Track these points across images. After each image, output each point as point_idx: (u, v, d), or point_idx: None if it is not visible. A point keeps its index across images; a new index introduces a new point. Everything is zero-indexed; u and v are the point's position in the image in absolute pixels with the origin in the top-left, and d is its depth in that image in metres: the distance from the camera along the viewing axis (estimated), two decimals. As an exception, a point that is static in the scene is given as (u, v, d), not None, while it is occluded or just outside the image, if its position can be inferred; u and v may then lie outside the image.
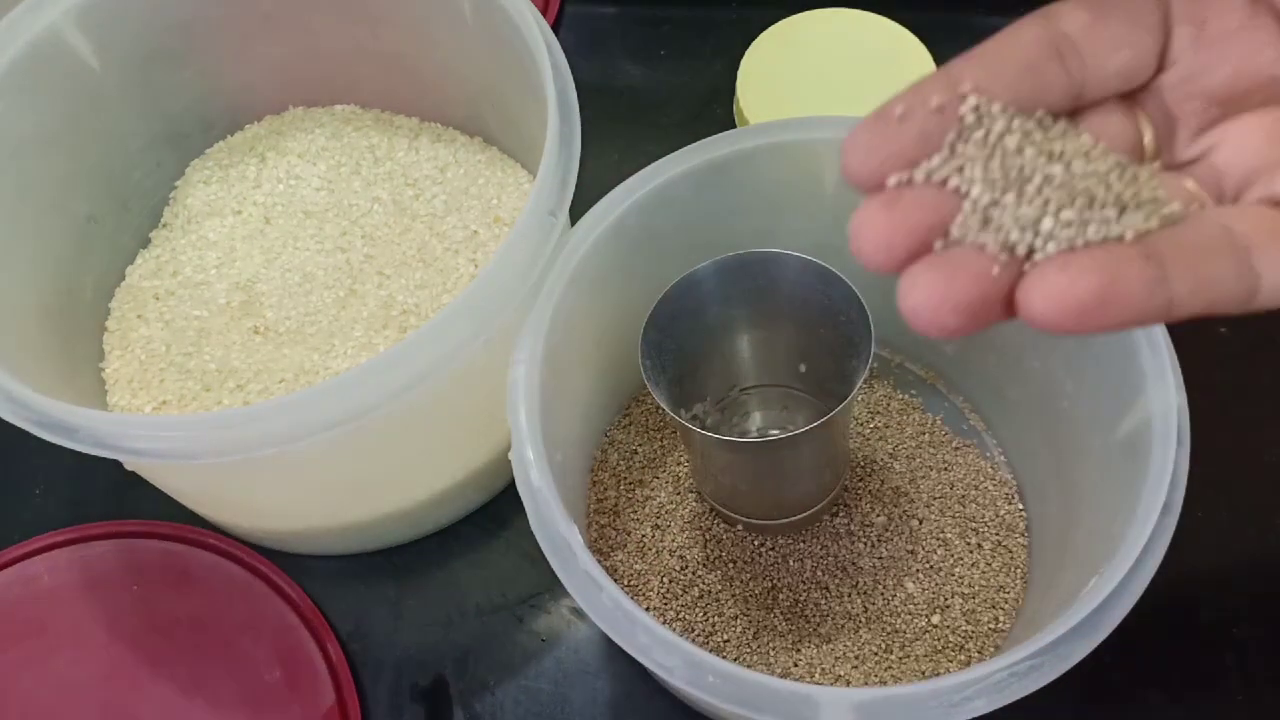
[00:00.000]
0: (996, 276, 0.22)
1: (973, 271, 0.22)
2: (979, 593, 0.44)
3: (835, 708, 0.31)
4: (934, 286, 0.22)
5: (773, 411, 0.47)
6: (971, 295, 0.22)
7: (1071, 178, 0.24)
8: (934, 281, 0.22)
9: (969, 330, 0.23)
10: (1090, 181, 0.24)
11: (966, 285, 0.22)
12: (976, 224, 0.23)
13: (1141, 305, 0.22)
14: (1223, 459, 0.47)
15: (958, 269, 0.23)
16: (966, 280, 0.22)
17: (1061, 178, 0.24)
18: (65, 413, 0.37)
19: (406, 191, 0.53)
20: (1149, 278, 0.22)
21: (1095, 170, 0.24)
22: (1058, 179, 0.24)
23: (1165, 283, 0.22)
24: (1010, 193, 0.23)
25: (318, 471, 0.43)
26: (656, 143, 0.44)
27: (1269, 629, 0.46)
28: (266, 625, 0.47)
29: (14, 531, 0.50)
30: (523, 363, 0.37)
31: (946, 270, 0.23)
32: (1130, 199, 0.24)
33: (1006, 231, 0.23)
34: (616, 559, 0.46)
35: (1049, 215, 0.23)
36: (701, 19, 0.64)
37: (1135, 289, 0.22)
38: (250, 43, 0.53)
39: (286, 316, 0.49)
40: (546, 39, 0.42)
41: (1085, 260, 0.22)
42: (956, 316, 0.22)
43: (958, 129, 0.24)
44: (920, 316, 0.22)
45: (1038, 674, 0.31)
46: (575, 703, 0.46)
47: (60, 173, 0.48)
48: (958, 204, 0.24)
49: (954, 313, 0.22)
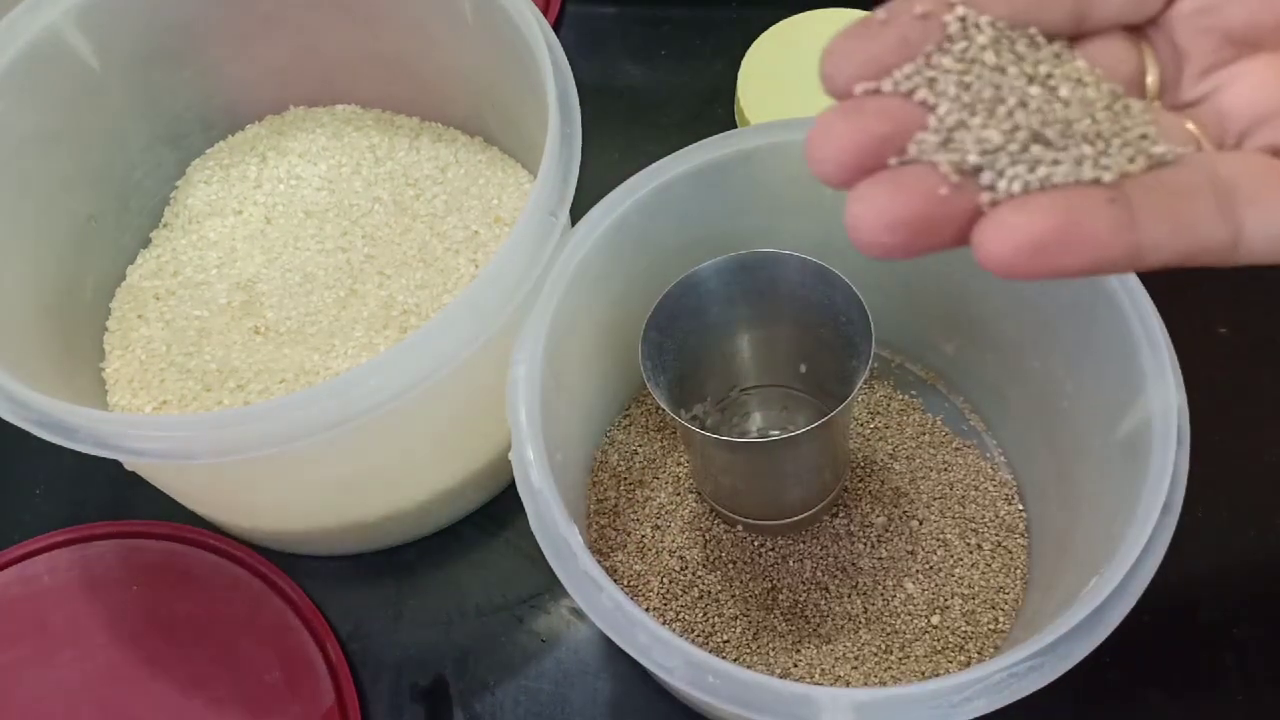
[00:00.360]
0: (944, 197, 0.21)
1: (919, 189, 0.21)
2: (979, 593, 0.44)
3: (835, 708, 0.31)
4: (876, 200, 0.21)
5: (773, 412, 0.47)
6: (912, 212, 0.21)
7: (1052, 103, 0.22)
8: (877, 195, 0.21)
9: (910, 251, 0.21)
10: (1073, 110, 0.22)
11: (909, 201, 0.21)
12: (935, 143, 0.22)
13: (1103, 249, 0.21)
14: (1223, 459, 0.47)
15: (903, 184, 0.21)
16: (910, 196, 0.21)
17: (1040, 101, 0.22)
18: (65, 413, 0.37)
19: (407, 191, 0.53)
20: (1114, 221, 0.21)
21: (1082, 98, 0.23)
22: (1034, 103, 0.22)
23: (1132, 227, 0.21)
24: (980, 114, 0.22)
25: (318, 471, 0.43)
26: (656, 143, 0.44)
27: (1269, 629, 0.46)
28: (266, 625, 0.47)
29: (14, 531, 0.50)
30: (523, 363, 0.37)
31: (892, 185, 0.21)
32: (1115, 135, 0.22)
33: (965, 153, 0.22)
34: (616, 559, 0.46)
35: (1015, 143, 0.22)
36: (701, 19, 0.64)
37: (1097, 231, 0.21)
38: (250, 43, 0.53)
39: (287, 316, 0.50)
40: (547, 39, 0.42)
41: (1045, 200, 0.21)
42: (893, 234, 0.21)
43: (939, 39, 0.23)
44: (859, 231, 0.21)
45: (1038, 674, 0.31)
46: (575, 703, 0.46)
47: (61, 172, 0.48)
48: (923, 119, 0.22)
49: (890, 229, 0.21)
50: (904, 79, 0.22)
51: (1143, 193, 0.22)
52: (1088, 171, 0.22)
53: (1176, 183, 0.22)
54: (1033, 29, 0.23)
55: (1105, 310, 0.37)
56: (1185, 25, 0.24)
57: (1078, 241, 0.21)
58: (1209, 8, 0.24)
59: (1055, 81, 0.23)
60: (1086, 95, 0.23)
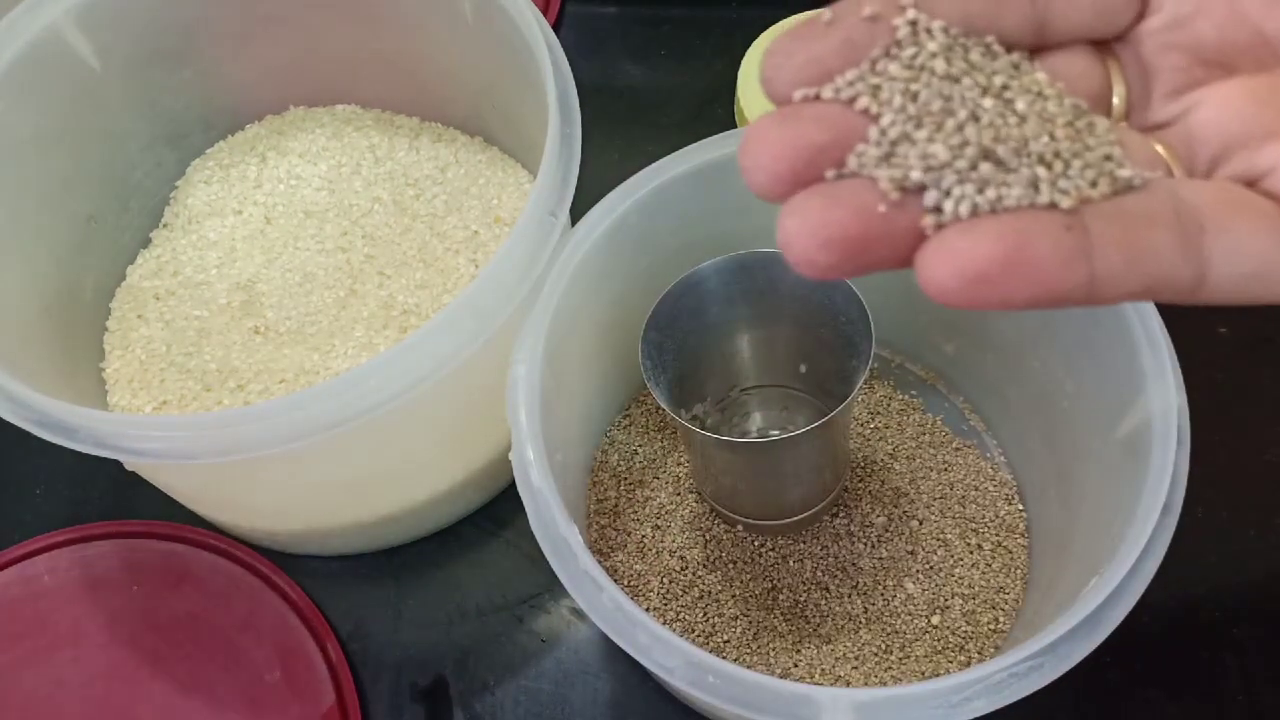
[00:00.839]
0: (883, 215, 0.20)
1: (855, 205, 0.20)
2: (979, 593, 0.44)
3: (835, 708, 0.31)
4: (809, 215, 0.20)
5: (773, 412, 0.47)
6: (847, 230, 0.19)
7: (1007, 118, 0.21)
8: (810, 210, 0.20)
9: (845, 272, 0.20)
10: (1030, 127, 0.21)
11: (844, 218, 0.19)
12: (876, 156, 0.20)
13: (1053, 280, 0.19)
14: (1223, 459, 0.47)
15: (839, 199, 0.20)
16: (845, 213, 0.19)
17: (993, 116, 0.21)
18: (65, 413, 0.37)
19: (407, 191, 0.53)
20: (1066, 250, 0.19)
21: (1041, 112, 0.21)
22: (987, 117, 0.20)
23: (1087, 258, 0.19)
24: (926, 127, 0.20)
25: (318, 471, 0.43)
26: (656, 143, 0.44)
27: (1269, 629, 0.46)
28: (266, 625, 0.47)
29: (14, 531, 0.50)
30: (523, 363, 0.37)
31: (827, 200, 0.20)
32: (1076, 155, 0.21)
33: (908, 169, 0.20)
34: (616, 559, 0.46)
35: (964, 160, 0.20)
36: (701, 19, 0.64)
37: (1046, 261, 0.19)
38: (250, 43, 0.53)
39: (287, 316, 0.50)
40: (547, 39, 0.42)
41: (993, 225, 0.19)
42: (827, 252, 0.19)
43: (887, 44, 0.21)
44: (791, 248, 0.20)
45: (1038, 674, 0.31)
46: (575, 703, 0.46)
47: (61, 172, 0.48)
48: (864, 130, 0.21)
49: (823, 247, 0.19)
50: (846, 85, 0.21)
51: (1102, 221, 0.20)
52: (1043, 195, 0.20)
53: (1139, 210, 0.20)
54: (989, 37, 0.22)
55: (1105, 310, 0.37)
56: (1154, 42, 0.23)
57: (1027, 271, 0.19)
58: (1178, 22, 0.22)
59: (1012, 94, 0.21)
60: (1046, 110, 0.21)
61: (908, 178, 0.20)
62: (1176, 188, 0.21)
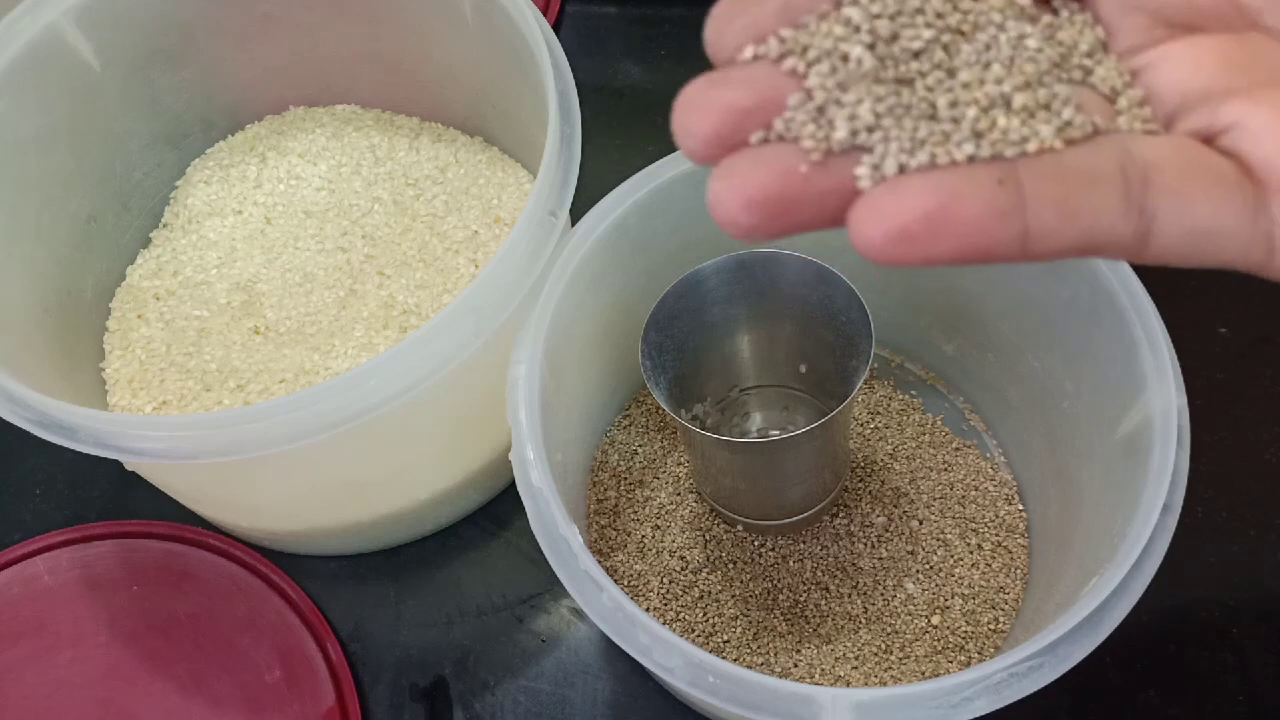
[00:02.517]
0: (804, 176, 0.19)
1: (778, 166, 0.20)
2: (979, 593, 0.44)
3: (835, 708, 0.31)
4: (733, 178, 0.20)
5: (773, 412, 0.47)
6: (768, 191, 0.19)
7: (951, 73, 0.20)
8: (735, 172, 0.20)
9: (772, 232, 0.20)
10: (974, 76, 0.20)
11: (765, 179, 0.19)
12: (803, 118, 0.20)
13: (983, 235, 0.19)
14: (1223, 459, 0.47)
15: (763, 161, 0.20)
16: (768, 174, 0.19)
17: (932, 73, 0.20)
18: (65, 413, 0.37)
19: (407, 191, 0.53)
20: (997, 204, 0.19)
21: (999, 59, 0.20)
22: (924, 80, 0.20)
23: (1019, 212, 0.19)
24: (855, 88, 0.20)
25: (318, 471, 0.43)
26: (656, 143, 0.44)
27: (1269, 629, 0.46)
28: (266, 625, 0.47)
29: (14, 531, 0.50)
30: (523, 363, 0.37)
31: (751, 162, 0.20)
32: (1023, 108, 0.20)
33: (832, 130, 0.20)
34: (616, 559, 0.46)
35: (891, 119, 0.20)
36: (701, 19, 0.63)
37: (975, 215, 0.19)
38: (250, 43, 0.53)
39: (287, 316, 0.50)
40: (547, 39, 0.42)
41: (919, 182, 0.19)
42: (750, 213, 0.19)
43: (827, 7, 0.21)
44: (716, 209, 0.20)
45: (1038, 674, 0.31)
46: (575, 703, 0.46)
47: (61, 172, 0.48)
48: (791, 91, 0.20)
49: (746, 208, 0.19)
50: (777, 45, 0.21)
51: (1039, 177, 0.19)
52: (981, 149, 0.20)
53: (1081, 166, 0.20)
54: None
55: (1105, 310, 0.37)
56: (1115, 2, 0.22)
57: (953, 227, 0.19)
58: None
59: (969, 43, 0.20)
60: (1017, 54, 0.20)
61: (831, 138, 0.20)
62: (1128, 142, 0.21)
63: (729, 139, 0.20)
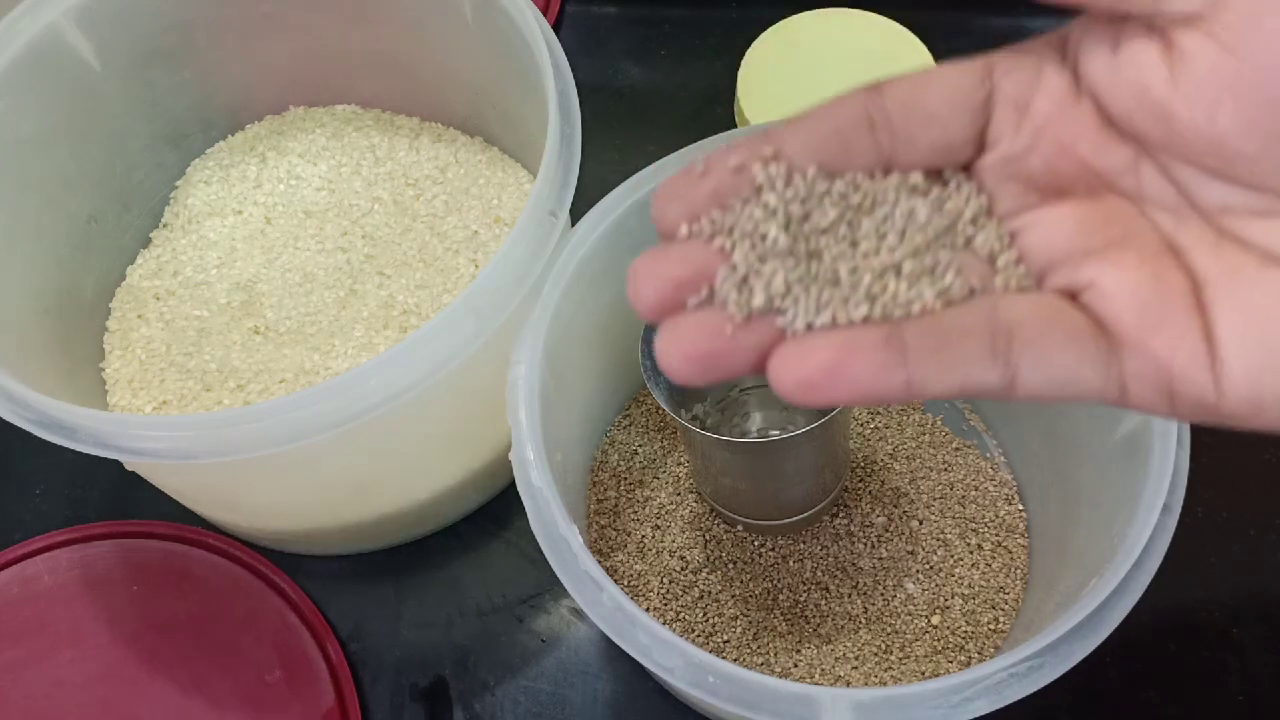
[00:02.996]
0: (730, 336, 0.23)
1: (708, 328, 0.23)
2: (979, 593, 0.44)
3: (835, 708, 0.31)
4: (673, 336, 0.23)
5: (773, 412, 0.47)
6: (702, 349, 0.23)
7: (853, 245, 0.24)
8: (674, 332, 0.24)
9: (710, 379, 0.24)
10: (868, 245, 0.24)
11: (698, 339, 0.23)
12: (730, 286, 0.24)
13: (873, 384, 0.22)
14: (1223, 459, 0.47)
15: (696, 323, 0.24)
16: (699, 335, 0.23)
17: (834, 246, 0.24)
18: (65, 413, 0.37)
19: (407, 191, 0.53)
20: (882, 361, 0.22)
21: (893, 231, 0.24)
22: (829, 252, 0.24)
23: (902, 366, 0.22)
24: (771, 261, 0.24)
25: (318, 471, 0.43)
26: (656, 143, 0.44)
27: (1269, 629, 0.46)
28: (266, 625, 0.47)
29: (14, 531, 0.50)
30: (523, 363, 0.37)
31: (687, 324, 0.24)
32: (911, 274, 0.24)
33: (752, 297, 0.24)
34: (616, 559, 0.46)
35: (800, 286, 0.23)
36: (701, 19, 0.64)
37: (865, 370, 0.22)
38: (250, 43, 0.53)
39: (287, 316, 0.50)
40: (547, 39, 0.42)
41: (821, 340, 0.23)
42: (689, 366, 0.23)
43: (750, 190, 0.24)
44: (661, 360, 0.24)
45: (1038, 674, 0.31)
46: (575, 703, 0.46)
47: (61, 173, 0.48)
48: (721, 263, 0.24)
49: (685, 361, 0.23)
50: (709, 225, 0.24)
51: (920, 334, 0.23)
52: (877, 310, 0.23)
53: (955, 324, 0.23)
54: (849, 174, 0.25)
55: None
56: (992, 174, 0.25)
57: (847, 379, 0.22)
58: (1011, 157, 0.25)
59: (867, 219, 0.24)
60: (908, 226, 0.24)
61: (752, 304, 0.23)
62: (998, 302, 0.24)
63: (671, 303, 0.24)
